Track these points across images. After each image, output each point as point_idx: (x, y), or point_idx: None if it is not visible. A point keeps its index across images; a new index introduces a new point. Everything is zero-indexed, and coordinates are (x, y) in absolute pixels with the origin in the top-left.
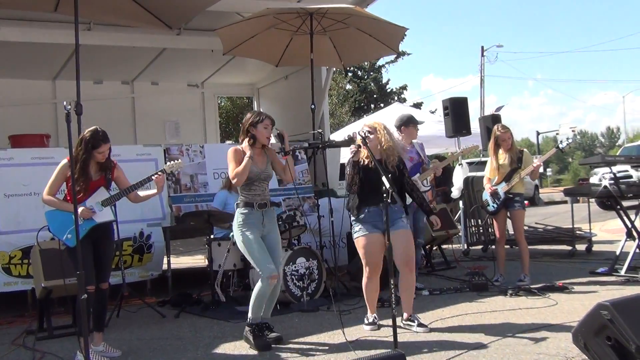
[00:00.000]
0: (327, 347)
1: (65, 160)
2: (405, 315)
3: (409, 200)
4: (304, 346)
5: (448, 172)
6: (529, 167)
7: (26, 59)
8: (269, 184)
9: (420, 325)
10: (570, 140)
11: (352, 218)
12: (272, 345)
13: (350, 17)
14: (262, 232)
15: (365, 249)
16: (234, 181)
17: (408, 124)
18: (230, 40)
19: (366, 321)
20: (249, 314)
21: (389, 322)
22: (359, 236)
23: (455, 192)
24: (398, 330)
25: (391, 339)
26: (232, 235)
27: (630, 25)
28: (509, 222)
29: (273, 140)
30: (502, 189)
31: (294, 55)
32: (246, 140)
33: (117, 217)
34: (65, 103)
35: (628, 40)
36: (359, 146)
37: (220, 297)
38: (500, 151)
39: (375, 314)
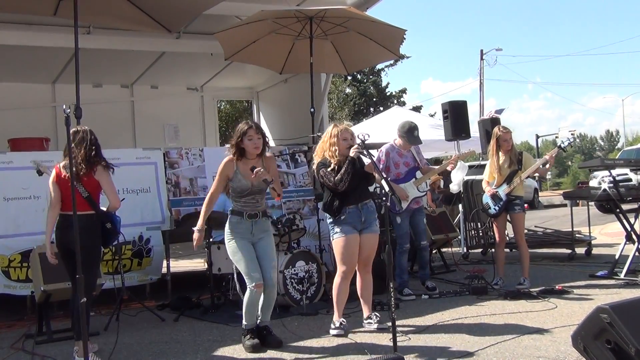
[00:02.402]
0: (326, 351)
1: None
2: (365, 314)
3: (405, 204)
4: (304, 349)
5: (447, 174)
6: (530, 168)
7: (26, 63)
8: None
9: (379, 322)
10: (571, 139)
11: (331, 219)
12: (268, 349)
13: (350, 20)
14: (251, 240)
15: (346, 250)
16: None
17: (403, 136)
18: (231, 45)
19: (333, 326)
20: (244, 320)
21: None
22: (340, 237)
23: (455, 187)
24: (397, 333)
25: (390, 342)
26: None
27: (629, 28)
28: (508, 225)
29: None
30: (503, 191)
31: (297, 62)
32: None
33: None
34: (64, 107)
35: (627, 44)
36: (363, 141)
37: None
38: (500, 153)
39: (342, 318)
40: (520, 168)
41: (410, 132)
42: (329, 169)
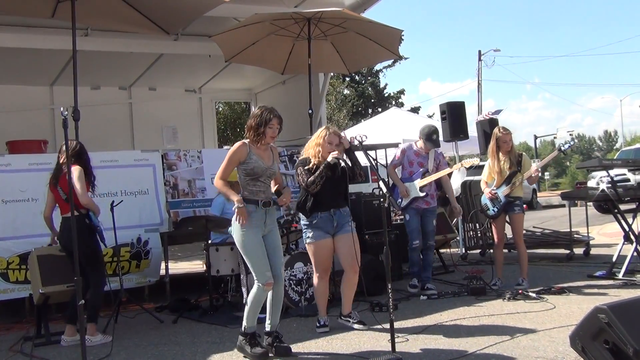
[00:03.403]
0: (324, 352)
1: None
2: (345, 311)
3: (405, 201)
4: (302, 351)
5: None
6: (529, 170)
7: (24, 65)
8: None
9: (359, 322)
10: (572, 143)
11: (304, 222)
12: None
13: (347, 21)
14: (263, 232)
15: (317, 255)
16: (214, 180)
17: (423, 138)
18: (230, 47)
19: (317, 324)
20: (244, 322)
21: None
22: (311, 243)
23: None
24: (395, 333)
25: (389, 343)
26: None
27: (627, 28)
28: (507, 225)
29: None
30: (502, 192)
31: (298, 63)
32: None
33: (114, 223)
34: (62, 109)
35: (625, 44)
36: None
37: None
38: (500, 154)
39: (326, 317)
40: (520, 169)
41: (428, 136)
42: (305, 168)
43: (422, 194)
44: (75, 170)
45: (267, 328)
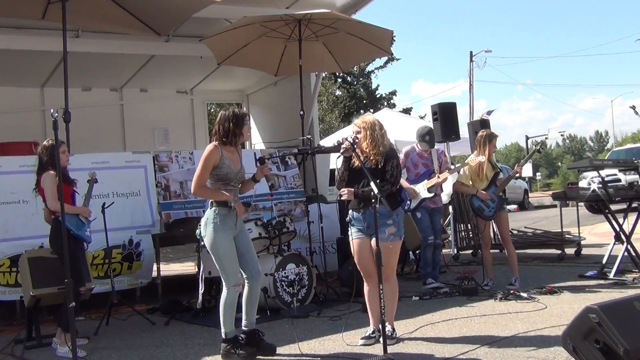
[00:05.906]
0: (316, 354)
1: None
2: (372, 327)
3: (414, 203)
4: (295, 353)
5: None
6: (514, 169)
7: (14, 67)
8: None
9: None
10: (540, 142)
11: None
12: (260, 355)
13: (337, 21)
14: (234, 233)
15: (355, 254)
16: (192, 190)
17: (418, 140)
18: (222, 50)
19: (363, 335)
20: (223, 329)
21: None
22: (351, 240)
23: (445, 198)
24: (386, 334)
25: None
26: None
27: (618, 29)
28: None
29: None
30: (495, 192)
31: (291, 64)
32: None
33: (106, 225)
34: (52, 111)
35: (616, 45)
36: (352, 143)
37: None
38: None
39: (374, 327)
40: (500, 170)
41: (422, 137)
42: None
43: (430, 195)
44: (48, 177)
45: (245, 327)
